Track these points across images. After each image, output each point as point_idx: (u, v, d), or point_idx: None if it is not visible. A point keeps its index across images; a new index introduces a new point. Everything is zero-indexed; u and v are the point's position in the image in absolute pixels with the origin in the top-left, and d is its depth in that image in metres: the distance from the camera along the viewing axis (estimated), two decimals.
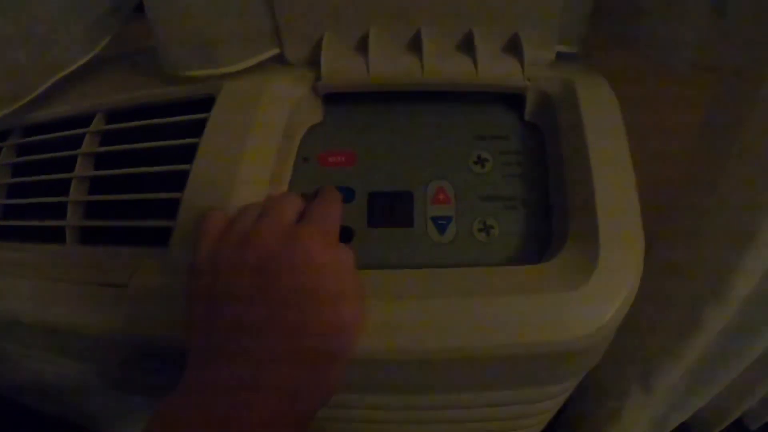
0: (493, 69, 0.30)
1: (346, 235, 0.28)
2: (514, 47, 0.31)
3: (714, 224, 0.31)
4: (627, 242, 0.26)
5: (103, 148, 0.33)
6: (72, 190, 0.32)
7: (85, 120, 0.34)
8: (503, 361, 0.25)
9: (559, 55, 0.31)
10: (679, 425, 0.48)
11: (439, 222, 0.28)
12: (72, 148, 0.33)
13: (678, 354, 0.36)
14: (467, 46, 0.31)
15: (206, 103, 0.31)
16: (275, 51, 0.31)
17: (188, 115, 0.31)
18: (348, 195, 0.29)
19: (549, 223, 0.28)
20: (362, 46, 0.30)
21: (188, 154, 0.29)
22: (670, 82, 0.36)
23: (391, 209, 0.28)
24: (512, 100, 0.32)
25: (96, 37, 0.34)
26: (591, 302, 0.25)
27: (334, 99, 0.32)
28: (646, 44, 0.31)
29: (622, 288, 0.25)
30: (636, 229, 0.26)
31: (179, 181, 0.29)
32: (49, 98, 0.35)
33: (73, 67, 0.34)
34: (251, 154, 0.28)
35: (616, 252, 0.25)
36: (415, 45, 0.30)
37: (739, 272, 0.30)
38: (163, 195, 0.29)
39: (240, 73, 0.31)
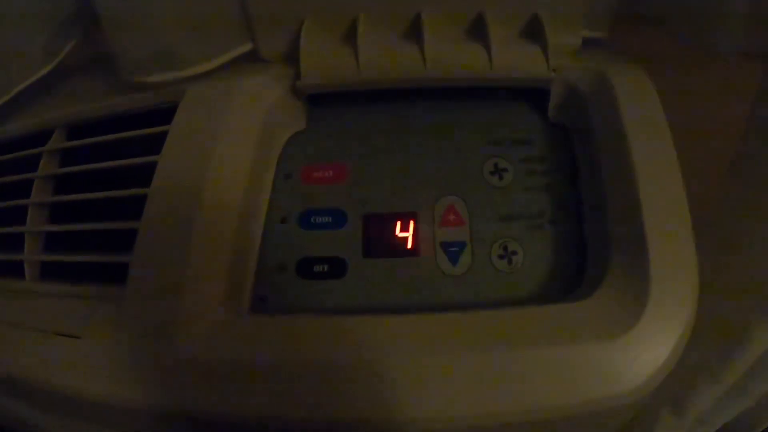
0: (511, 57, 0.22)
1: (337, 269, 0.21)
2: (533, 32, 0.23)
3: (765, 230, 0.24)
4: (680, 267, 0.20)
5: (59, 170, 0.26)
6: (29, 218, 0.26)
7: (41, 138, 0.27)
8: (534, 426, 0.19)
9: (585, 41, 0.24)
10: None
11: (451, 249, 0.21)
12: (30, 169, 0.27)
13: (717, 375, 0.30)
14: (477, 31, 0.23)
15: (170, 113, 0.24)
16: (247, 47, 0.24)
17: (147, 129, 0.24)
18: (339, 219, 0.22)
19: (583, 246, 0.21)
20: (350, 34, 0.23)
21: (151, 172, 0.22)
22: (711, 72, 0.28)
23: (391, 235, 0.22)
24: (532, 95, 0.24)
25: (58, 45, 0.28)
26: (642, 347, 0.19)
27: (318, 100, 0.24)
28: (684, 27, 0.23)
29: (678, 325, 0.19)
30: (689, 250, 0.20)
31: (139, 206, 0.22)
32: (5, 116, 0.29)
33: (34, 79, 0.28)
34: (218, 174, 0.21)
35: (669, 283, 0.19)
36: (414, 32, 0.23)
37: None
38: (120, 225, 0.23)
39: (206, 76, 0.24)
